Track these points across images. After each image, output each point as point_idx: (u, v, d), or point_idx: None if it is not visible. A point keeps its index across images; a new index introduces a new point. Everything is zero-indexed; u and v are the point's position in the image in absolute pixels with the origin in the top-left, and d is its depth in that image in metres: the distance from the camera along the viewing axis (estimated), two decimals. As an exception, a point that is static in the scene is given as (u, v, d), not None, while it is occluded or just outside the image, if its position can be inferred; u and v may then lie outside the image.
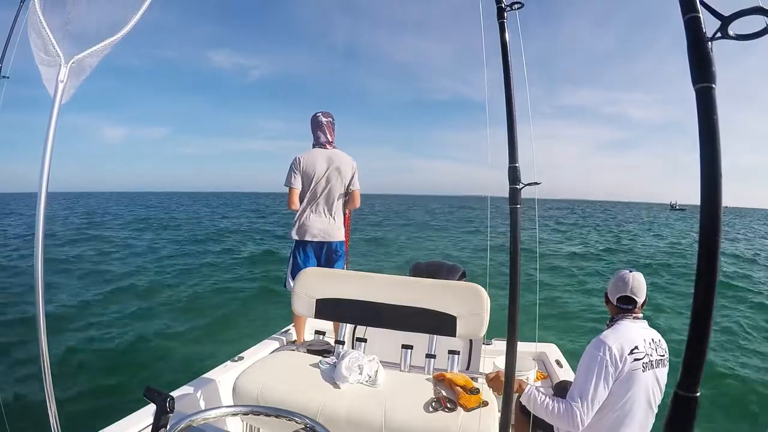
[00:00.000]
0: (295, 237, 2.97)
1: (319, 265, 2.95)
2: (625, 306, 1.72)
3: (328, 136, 2.99)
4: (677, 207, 72.12)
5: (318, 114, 2.98)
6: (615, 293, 1.74)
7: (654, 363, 1.64)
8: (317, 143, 2.98)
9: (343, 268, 3.04)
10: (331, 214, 2.96)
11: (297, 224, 2.96)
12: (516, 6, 1.08)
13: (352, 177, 2.98)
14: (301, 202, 2.94)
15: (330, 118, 3.00)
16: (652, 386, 1.63)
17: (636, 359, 1.60)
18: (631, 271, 1.77)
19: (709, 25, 0.56)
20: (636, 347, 1.61)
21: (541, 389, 1.72)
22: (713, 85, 0.54)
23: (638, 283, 1.72)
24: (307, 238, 2.92)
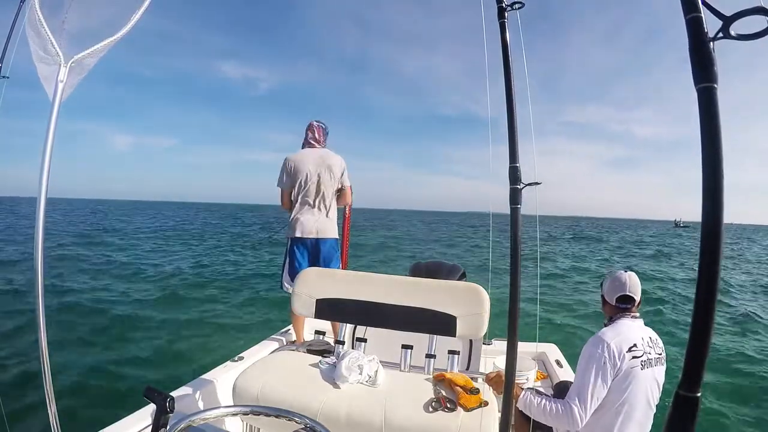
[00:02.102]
0: (290, 234, 3.00)
1: (314, 262, 2.97)
2: (624, 305, 1.73)
3: (317, 135, 3.07)
4: (681, 224, 71.67)
5: (312, 120, 3.09)
6: (613, 293, 1.75)
7: (653, 361, 1.64)
8: (306, 143, 3.06)
9: (339, 267, 3.07)
10: (324, 212, 3.00)
11: (291, 222, 2.99)
12: (516, 6, 1.08)
13: (342, 174, 3.05)
14: (295, 201, 2.99)
15: (321, 123, 3.10)
16: (650, 384, 1.63)
17: (634, 357, 1.60)
18: (626, 271, 1.79)
19: (711, 25, 0.56)
20: (635, 345, 1.62)
21: (540, 389, 1.72)
22: (715, 85, 0.54)
23: (635, 282, 1.75)
24: (302, 235, 2.95)
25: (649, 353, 1.64)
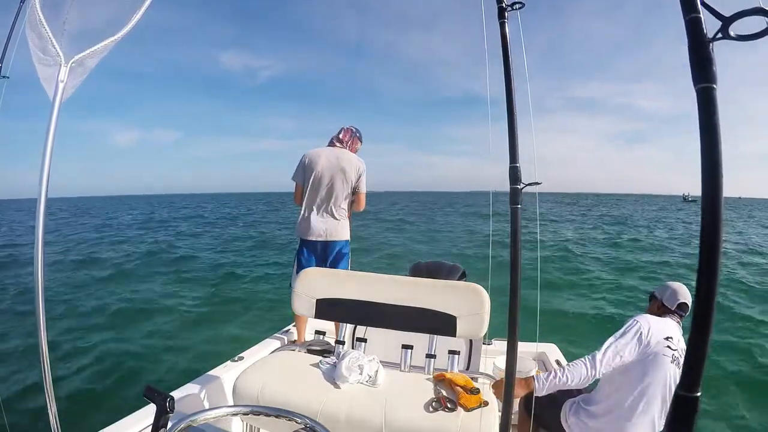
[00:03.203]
0: (298, 235, 2.97)
1: (323, 264, 2.93)
2: (680, 312, 1.86)
3: (340, 135, 3.01)
4: (690, 198, 72.43)
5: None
6: (676, 300, 1.87)
7: (679, 363, 1.69)
8: (330, 142, 3.01)
9: (347, 268, 3.03)
10: (334, 214, 2.93)
11: (300, 223, 2.96)
12: (517, 6, 1.08)
13: (358, 179, 2.95)
14: (305, 199, 2.94)
15: (353, 127, 3.06)
16: (671, 381, 1.68)
17: (668, 347, 1.69)
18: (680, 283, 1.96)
19: (710, 25, 0.56)
20: (671, 337, 1.72)
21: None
22: (714, 86, 0.54)
23: (689, 294, 1.90)
24: (310, 237, 2.91)
25: (680, 355, 1.70)
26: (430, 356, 1.91)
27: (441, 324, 1.85)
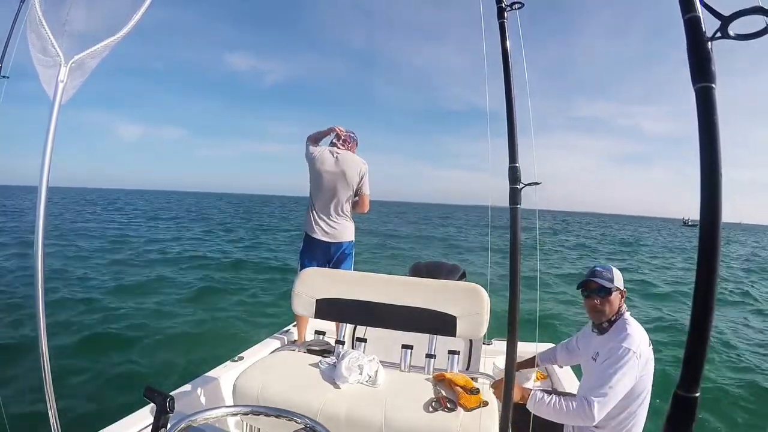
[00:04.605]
0: (305, 232, 3.01)
1: (326, 264, 2.96)
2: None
3: (342, 138, 3.01)
4: (690, 222, 71.98)
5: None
6: (622, 277, 1.81)
7: None
8: (330, 141, 3.03)
9: (351, 268, 3.04)
10: (337, 217, 2.96)
11: (307, 223, 2.99)
12: (516, 6, 1.08)
13: (361, 180, 2.96)
14: (310, 200, 2.98)
15: (352, 132, 3.06)
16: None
17: (652, 350, 1.68)
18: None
19: (709, 24, 0.56)
20: (649, 339, 1.70)
21: (540, 389, 1.73)
22: (713, 85, 0.54)
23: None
24: (315, 236, 2.94)
25: None
26: (429, 356, 1.91)
27: (441, 324, 1.85)
